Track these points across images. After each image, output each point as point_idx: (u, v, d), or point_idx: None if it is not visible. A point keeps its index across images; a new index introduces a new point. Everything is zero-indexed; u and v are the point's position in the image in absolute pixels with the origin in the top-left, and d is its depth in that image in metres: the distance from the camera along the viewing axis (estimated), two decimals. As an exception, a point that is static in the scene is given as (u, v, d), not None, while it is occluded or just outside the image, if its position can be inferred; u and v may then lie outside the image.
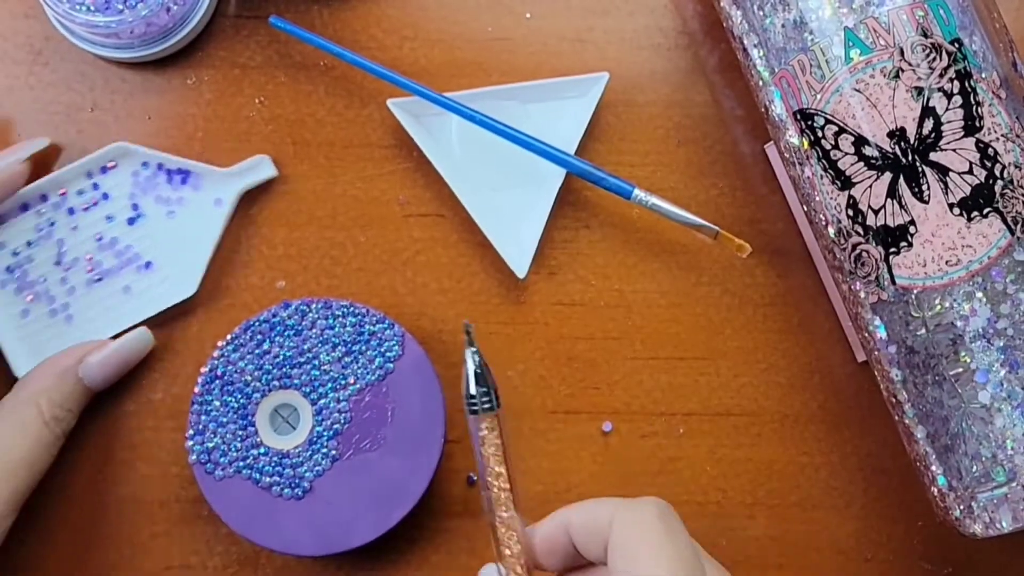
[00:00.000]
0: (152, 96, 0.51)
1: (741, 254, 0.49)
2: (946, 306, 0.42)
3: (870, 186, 0.43)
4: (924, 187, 0.42)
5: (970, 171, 0.42)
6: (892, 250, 0.43)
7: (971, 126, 0.42)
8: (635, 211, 0.51)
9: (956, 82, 0.42)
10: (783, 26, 0.44)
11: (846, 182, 0.43)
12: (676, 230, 0.51)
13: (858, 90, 0.42)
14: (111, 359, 0.49)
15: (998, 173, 0.42)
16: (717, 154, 0.52)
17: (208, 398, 0.47)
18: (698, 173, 0.51)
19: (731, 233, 0.49)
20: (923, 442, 0.44)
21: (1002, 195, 0.42)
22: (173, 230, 0.50)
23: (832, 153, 0.44)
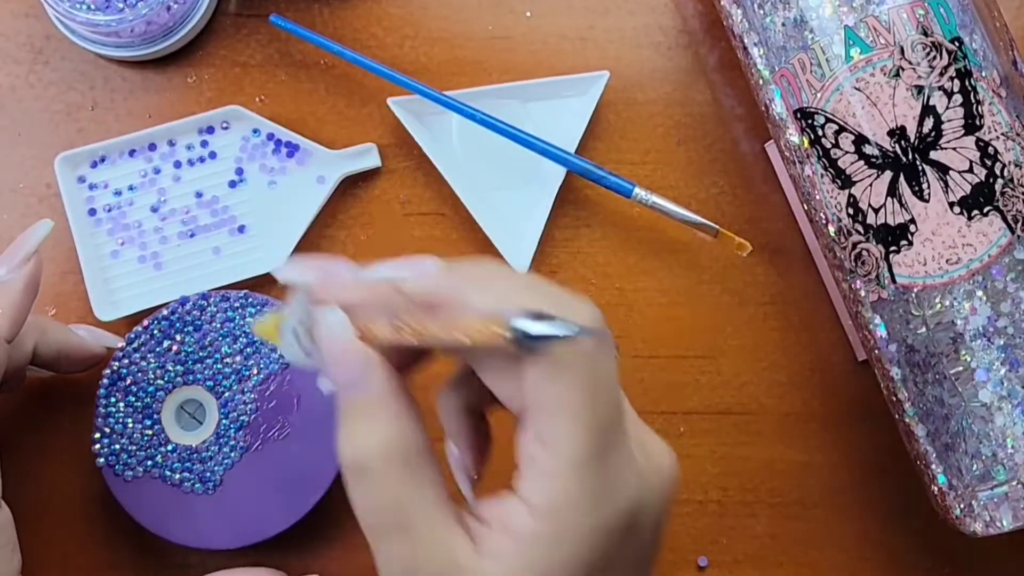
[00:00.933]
0: (153, 95, 0.51)
1: (741, 253, 0.49)
2: (946, 305, 0.42)
3: (870, 185, 0.43)
4: (924, 186, 0.42)
5: (970, 170, 0.42)
6: (892, 249, 0.43)
7: (971, 125, 0.42)
8: (635, 210, 0.51)
9: (956, 81, 0.42)
10: (783, 25, 0.44)
11: (846, 181, 0.43)
12: (676, 229, 0.51)
13: (858, 89, 0.42)
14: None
15: (998, 172, 0.42)
16: (717, 153, 0.52)
17: (112, 400, 0.47)
18: (698, 172, 0.51)
19: (731, 232, 0.49)
20: (923, 441, 0.44)
21: (1002, 194, 0.42)
22: (271, 200, 0.50)
23: (832, 152, 0.43)
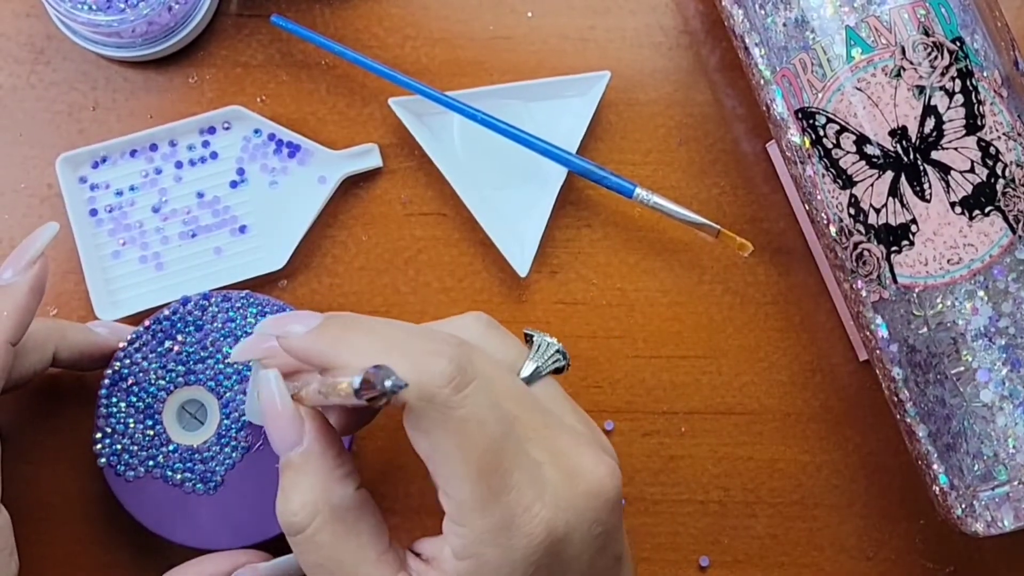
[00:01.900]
0: (154, 95, 0.51)
1: (743, 253, 0.49)
2: (948, 305, 0.42)
3: (872, 185, 0.43)
4: (926, 186, 0.42)
5: (972, 170, 0.42)
6: (894, 249, 0.43)
7: (973, 125, 0.42)
8: (637, 210, 0.51)
9: (957, 81, 0.42)
10: (784, 25, 0.44)
11: (847, 181, 0.43)
12: (678, 229, 0.51)
13: (860, 89, 0.42)
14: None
15: (1000, 172, 0.42)
16: (718, 153, 0.52)
17: (113, 400, 0.46)
18: (699, 172, 0.51)
19: (733, 232, 0.49)
20: (925, 441, 0.44)
21: (1004, 194, 0.42)
22: (273, 200, 0.50)
23: (834, 152, 0.43)
